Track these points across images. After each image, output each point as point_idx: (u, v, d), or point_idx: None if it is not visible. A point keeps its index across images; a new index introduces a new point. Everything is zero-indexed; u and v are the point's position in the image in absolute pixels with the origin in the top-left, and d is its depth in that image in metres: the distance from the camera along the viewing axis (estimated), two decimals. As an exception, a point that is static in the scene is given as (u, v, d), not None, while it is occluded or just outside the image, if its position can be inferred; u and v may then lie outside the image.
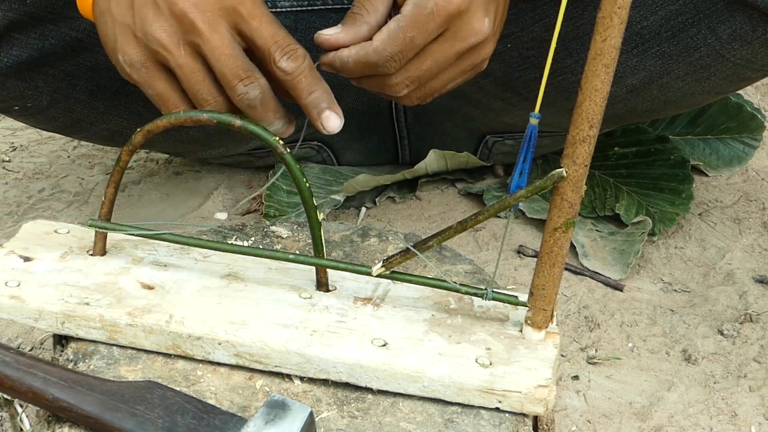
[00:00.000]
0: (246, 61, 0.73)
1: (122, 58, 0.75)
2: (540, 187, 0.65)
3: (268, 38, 0.73)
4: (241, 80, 0.73)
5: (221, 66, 0.73)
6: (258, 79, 0.73)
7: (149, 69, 0.75)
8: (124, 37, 0.74)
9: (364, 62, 0.76)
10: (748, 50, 0.97)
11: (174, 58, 0.73)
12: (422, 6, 0.75)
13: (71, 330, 0.73)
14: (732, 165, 1.36)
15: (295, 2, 1.10)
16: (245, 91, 0.73)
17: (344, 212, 1.25)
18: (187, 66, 0.73)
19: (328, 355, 0.70)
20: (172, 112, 0.74)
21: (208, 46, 0.72)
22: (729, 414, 0.98)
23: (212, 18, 0.72)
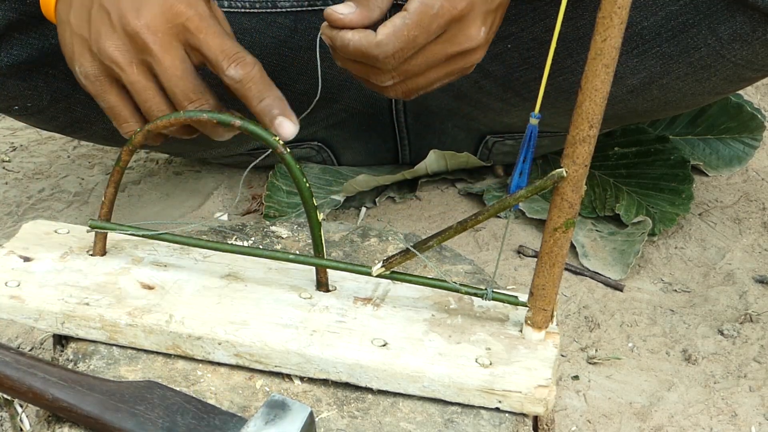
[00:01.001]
0: (196, 83, 0.75)
1: (78, 69, 0.77)
2: (540, 187, 0.65)
3: (215, 48, 0.74)
4: (191, 102, 0.75)
5: (172, 86, 0.74)
6: (208, 101, 0.75)
7: (102, 83, 0.76)
8: (80, 48, 0.76)
9: (364, 52, 0.76)
10: (748, 50, 0.97)
11: (126, 76, 0.75)
12: (429, 5, 0.75)
13: (71, 330, 0.73)
14: (732, 165, 1.36)
15: (295, 2, 1.10)
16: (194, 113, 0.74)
17: (344, 212, 1.25)
18: (139, 83, 0.75)
19: (328, 355, 0.70)
20: (122, 126, 0.78)
21: (159, 67, 0.74)
22: (729, 414, 0.98)
23: (164, 38, 0.73)
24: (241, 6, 1.08)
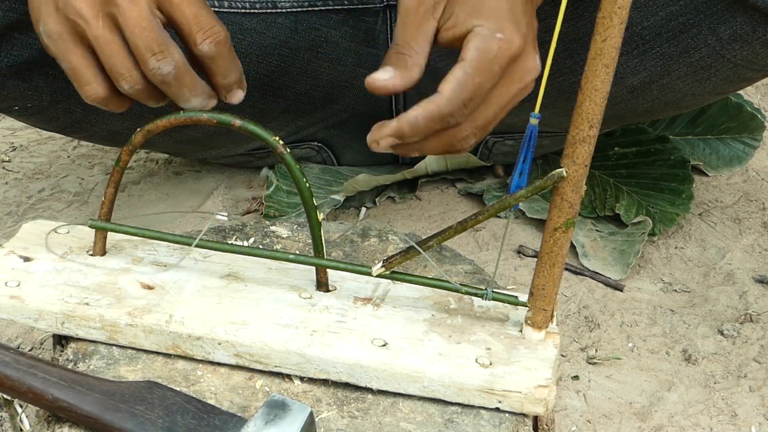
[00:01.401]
0: (161, 35, 0.72)
1: (42, 29, 0.74)
2: (540, 187, 0.65)
3: (190, 17, 0.72)
4: (154, 54, 0.71)
5: (135, 38, 0.71)
6: (172, 54, 0.72)
7: (66, 41, 0.73)
8: (47, 8, 0.73)
9: (438, 116, 0.71)
10: (748, 51, 0.97)
11: (91, 29, 0.72)
12: (486, 50, 0.72)
13: (71, 330, 0.73)
14: (732, 165, 1.36)
15: (296, 2, 1.10)
16: (157, 66, 0.71)
17: (344, 212, 1.25)
18: (103, 37, 0.72)
19: (328, 355, 0.70)
20: (84, 88, 0.74)
21: (123, 17, 0.71)
22: (729, 414, 0.98)
23: None
24: (241, 6, 1.08)
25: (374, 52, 1.15)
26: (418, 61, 0.74)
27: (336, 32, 1.14)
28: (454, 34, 0.74)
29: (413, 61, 0.73)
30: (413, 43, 0.74)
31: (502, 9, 0.74)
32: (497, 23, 0.73)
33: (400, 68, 0.73)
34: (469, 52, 0.73)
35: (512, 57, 0.73)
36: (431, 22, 0.75)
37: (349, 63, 1.16)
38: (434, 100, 0.72)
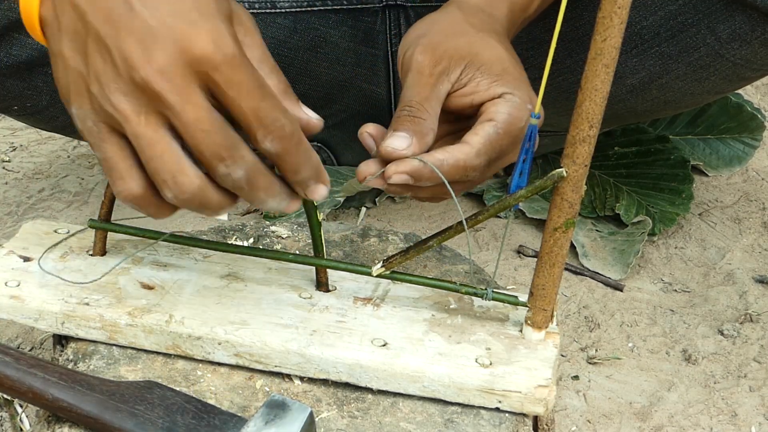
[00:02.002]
0: (228, 136, 0.59)
1: (74, 110, 0.63)
2: (540, 187, 0.65)
3: (249, 114, 0.59)
4: (223, 161, 0.59)
5: (198, 144, 0.59)
6: (243, 157, 0.60)
7: (100, 129, 0.61)
8: (77, 87, 0.63)
9: (462, 167, 0.69)
10: (747, 50, 0.97)
11: (131, 127, 0.59)
12: (518, 118, 0.72)
13: (71, 330, 0.73)
14: (732, 165, 1.36)
15: (295, 2, 1.10)
16: (227, 172, 0.60)
17: (344, 212, 1.25)
18: (146, 137, 0.59)
19: (328, 355, 0.70)
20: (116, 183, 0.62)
21: (179, 120, 0.59)
22: (729, 414, 0.98)
23: (183, 87, 0.58)
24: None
25: (373, 52, 1.15)
26: (432, 125, 0.71)
27: (335, 32, 1.14)
28: (473, 100, 0.73)
29: (428, 125, 0.70)
30: (427, 105, 0.71)
31: (524, 80, 0.74)
32: (525, 93, 0.73)
33: (416, 134, 0.69)
34: (500, 114, 0.71)
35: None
36: (446, 84, 0.73)
37: (349, 63, 1.16)
38: (463, 150, 0.69)
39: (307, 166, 0.62)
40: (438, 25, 0.77)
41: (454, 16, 0.78)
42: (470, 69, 0.73)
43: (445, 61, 0.73)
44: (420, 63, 0.72)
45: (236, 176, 0.60)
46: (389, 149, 0.69)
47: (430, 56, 0.73)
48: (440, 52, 0.73)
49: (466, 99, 0.73)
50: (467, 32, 0.75)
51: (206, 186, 0.60)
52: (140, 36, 0.57)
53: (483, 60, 0.74)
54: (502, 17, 0.81)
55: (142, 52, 0.57)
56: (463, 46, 0.74)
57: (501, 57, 0.75)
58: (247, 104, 0.59)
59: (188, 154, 0.60)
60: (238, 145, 0.60)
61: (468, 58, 0.73)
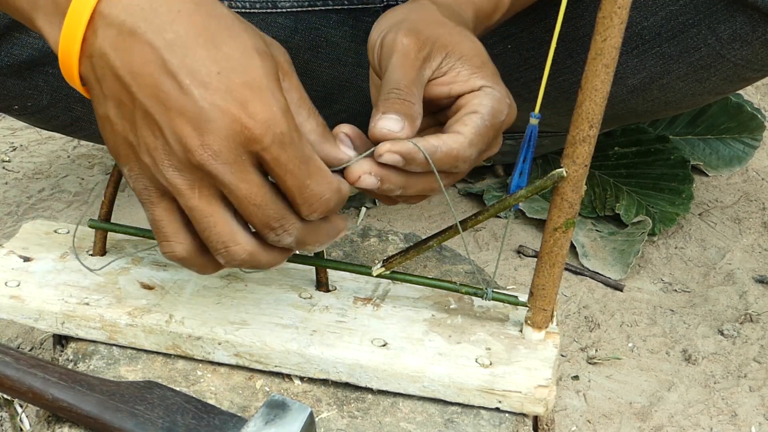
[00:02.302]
0: (278, 209, 0.62)
1: (125, 171, 0.63)
2: (540, 187, 0.65)
3: (295, 191, 0.61)
4: (273, 230, 0.62)
5: (249, 216, 0.61)
6: (293, 224, 0.63)
7: (152, 195, 0.62)
8: (126, 152, 0.62)
9: (454, 155, 0.68)
10: (748, 50, 0.97)
11: (185, 200, 0.60)
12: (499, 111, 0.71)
13: (71, 330, 0.73)
14: (732, 165, 1.36)
15: (296, 2, 1.10)
16: (278, 239, 0.63)
17: (344, 212, 1.25)
18: (200, 210, 0.61)
19: (328, 355, 0.70)
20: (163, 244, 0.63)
21: (233, 195, 0.60)
22: (729, 414, 0.98)
23: (237, 166, 0.59)
24: (241, 6, 1.08)
25: (374, 52, 1.15)
26: (420, 109, 0.70)
27: (336, 32, 1.14)
28: (451, 90, 0.72)
29: (416, 109, 0.69)
30: (414, 88, 0.70)
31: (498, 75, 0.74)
32: (503, 89, 0.72)
33: (407, 118, 0.68)
34: (484, 107, 0.70)
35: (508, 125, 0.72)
36: (427, 70, 0.72)
37: (349, 63, 1.16)
38: (457, 139, 0.69)
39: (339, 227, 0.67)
40: (416, 14, 0.76)
41: (430, 8, 0.78)
42: (451, 58, 0.73)
43: (428, 47, 0.72)
44: (406, 46, 0.72)
45: (285, 242, 0.63)
46: (384, 131, 0.67)
47: (415, 39, 0.72)
48: (423, 37, 0.72)
49: (444, 88, 0.73)
50: (446, 23, 0.75)
51: (257, 251, 0.63)
52: (192, 117, 0.57)
53: (463, 51, 0.73)
54: (468, 20, 0.81)
55: (196, 135, 0.58)
56: (445, 35, 0.73)
57: (480, 51, 0.74)
58: (291, 182, 0.60)
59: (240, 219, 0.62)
60: (288, 216, 0.62)
61: (449, 47, 0.73)
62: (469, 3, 0.82)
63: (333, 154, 0.65)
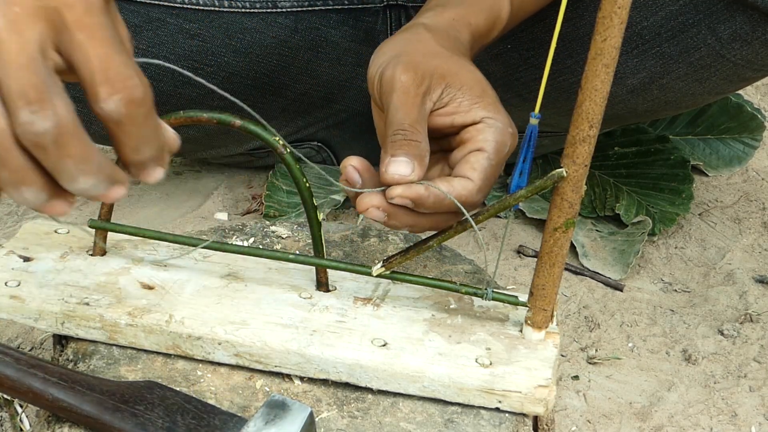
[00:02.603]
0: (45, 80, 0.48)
1: None
2: (540, 187, 0.65)
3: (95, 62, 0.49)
4: (29, 104, 0.48)
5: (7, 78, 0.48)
6: (55, 106, 0.49)
7: None
8: None
9: (464, 201, 0.69)
10: (748, 50, 0.97)
11: None
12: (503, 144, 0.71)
13: (71, 330, 0.73)
14: (732, 165, 1.36)
15: (296, 2, 1.10)
16: (30, 120, 0.48)
17: (344, 212, 1.25)
18: None
19: (328, 355, 0.70)
20: None
21: None
22: (729, 414, 0.98)
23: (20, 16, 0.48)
24: (241, 6, 1.08)
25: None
26: (426, 147, 0.69)
27: (336, 32, 1.14)
28: (454, 121, 0.72)
29: (423, 147, 0.69)
30: (419, 126, 0.70)
31: (499, 103, 0.74)
32: (505, 117, 0.73)
33: (416, 158, 0.68)
34: (489, 143, 0.71)
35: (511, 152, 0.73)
36: (428, 103, 0.73)
37: (349, 63, 1.16)
38: (466, 186, 0.69)
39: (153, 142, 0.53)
40: (413, 45, 0.76)
41: (425, 37, 0.78)
42: (451, 89, 0.73)
43: (427, 80, 0.72)
44: (405, 83, 0.71)
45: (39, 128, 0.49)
46: (396, 176, 0.67)
47: (413, 75, 0.72)
48: (421, 71, 0.72)
49: (446, 119, 0.73)
50: (442, 53, 0.75)
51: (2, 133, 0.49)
52: None
53: (462, 81, 0.73)
54: (465, 40, 0.82)
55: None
56: (442, 66, 0.73)
57: (479, 79, 0.75)
58: (95, 51, 0.49)
59: None
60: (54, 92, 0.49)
61: (448, 78, 0.73)
62: (465, 25, 0.83)
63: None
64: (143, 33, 1.03)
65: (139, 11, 1.02)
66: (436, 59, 0.74)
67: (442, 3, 0.84)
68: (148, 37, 1.03)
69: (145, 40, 1.03)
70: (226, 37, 1.07)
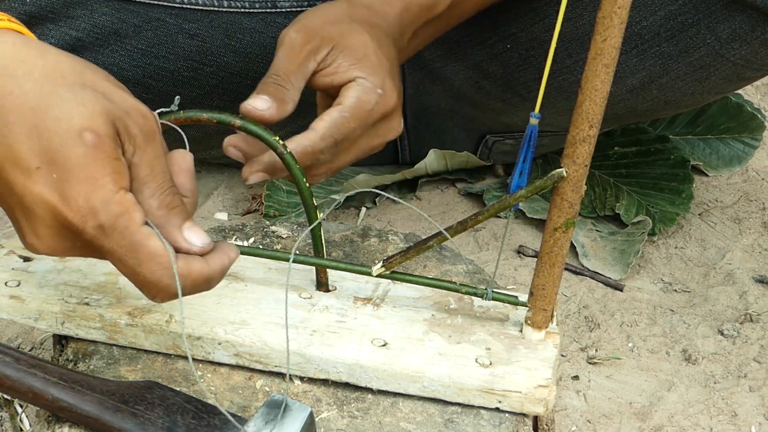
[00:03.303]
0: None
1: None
2: (540, 187, 0.65)
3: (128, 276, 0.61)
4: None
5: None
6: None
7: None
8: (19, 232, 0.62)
9: (310, 152, 0.75)
10: (747, 50, 0.97)
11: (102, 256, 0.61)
12: (366, 101, 0.77)
13: (71, 330, 0.73)
14: (732, 165, 1.36)
15: (295, 2, 1.10)
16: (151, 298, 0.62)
17: (344, 212, 1.25)
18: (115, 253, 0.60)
19: (328, 355, 0.70)
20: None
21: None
22: (729, 414, 0.98)
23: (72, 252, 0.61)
24: (240, 6, 1.08)
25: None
26: (293, 96, 0.76)
27: (335, 32, 1.14)
28: (333, 81, 0.78)
29: (290, 95, 0.75)
30: (293, 77, 0.76)
31: (384, 67, 0.79)
32: (379, 79, 0.78)
33: (277, 100, 0.74)
34: (348, 98, 0.76)
35: (385, 113, 0.78)
36: (312, 63, 0.78)
37: (349, 63, 1.16)
38: (308, 136, 0.75)
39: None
40: (319, 12, 0.82)
41: (338, 8, 0.83)
42: (335, 51, 0.78)
43: (315, 41, 0.78)
44: (292, 39, 0.78)
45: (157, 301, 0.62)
46: (249, 107, 0.73)
47: (303, 35, 0.78)
48: (312, 33, 0.78)
49: (327, 79, 0.79)
50: (343, 21, 0.81)
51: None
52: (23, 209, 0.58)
53: (348, 44, 0.79)
54: (393, 14, 0.86)
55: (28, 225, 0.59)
56: (334, 30, 0.79)
57: (365, 43, 0.79)
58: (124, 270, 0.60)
59: None
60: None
61: (336, 41, 0.79)
62: None
63: (173, 239, 0.60)
64: (143, 33, 1.03)
65: (139, 11, 1.02)
66: (333, 25, 0.80)
67: None
68: (148, 37, 1.03)
69: (144, 40, 1.03)
70: (226, 37, 1.07)
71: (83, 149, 0.56)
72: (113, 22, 1.01)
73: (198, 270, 0.60)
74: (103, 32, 1.01)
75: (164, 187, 0.60)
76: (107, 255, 0.59)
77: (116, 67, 1.03)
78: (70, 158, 0.56)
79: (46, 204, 0.57)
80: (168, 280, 0.59)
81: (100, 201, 0.57)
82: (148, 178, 0.60)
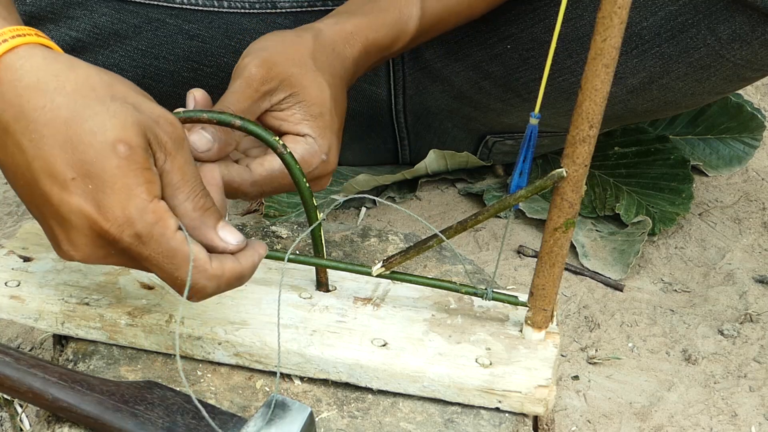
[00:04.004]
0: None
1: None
2: (540, 187, 0.65)
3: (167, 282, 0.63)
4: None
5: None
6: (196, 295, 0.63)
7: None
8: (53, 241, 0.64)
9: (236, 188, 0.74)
10: (747, 50, 0.97)
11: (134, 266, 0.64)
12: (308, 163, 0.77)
13: (71, 330, 0.73)
14: (732, 165, 1.36)
15: (295, 3, 1.10)
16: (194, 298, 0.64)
17: (344, 212, 1.25)
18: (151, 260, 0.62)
19: (328, 355, 0.70)
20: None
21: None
22: (729, 414, 0.98)
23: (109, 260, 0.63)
24: (241, 6, 1.08)
25: (373, 52, 1.15)
26: (237, 137, 0.75)
27: (335, 32, 1.14)
28: (281, 127, 0.78)
29: (233, 136, 0.73)
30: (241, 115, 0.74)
31: (333, 129, 0.79)
32: (326, 143, 0.78)
33: (219, 142, 0.72)
34: (294, 152, 0.75)
35: (320, 176, 0.79)
36: (266, 103, 0.77)
37: (349, 63, 1.16)
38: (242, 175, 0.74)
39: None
40: (284, 46, 0.80)
41: (303, 45, 0.81)
42: (292, 99, 0.78)
43: (274, 82, 0.77)
44: (251, 75, 0.76)
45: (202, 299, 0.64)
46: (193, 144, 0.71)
47: (263, 72, 0.77)
48: (273, 72, 0.77)
49: (276, 122, 0.78)
50: (307, 65, 0.79)
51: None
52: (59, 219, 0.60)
53: (306, 96, 0.78)
54: (351, 56, 0.86)
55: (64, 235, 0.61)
56: (297, 76, 0.78)
57: (323, 100, 0.79)
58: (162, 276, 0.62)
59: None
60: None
61: (295, 89, 0.78)
62: (361, 39, 0.86)
63: (209, 240, 0.63)
64: (143, 33, 1.03)
65: (138, 11, 1.02)
66: (296, 68, 0.79)
67: (351, 10, 0.88)
68: (148, 38, 1.03)
69: (144, 40, 1.03)
70: (226, 38, 1.07)
71: (117, 161, 0.58)
72: (113, 22, 1.01)
73: (231, 269, 0.63)
74: (103, 33, 1.01)
75: (197, 190, 0.63)
76: (144, 262, 0.61)
77: (116, 67, 1.03)
78: (105, 170, 0.58)
79: (82, 214, 0.59)
80: (205, 281, 0.62)
81: (135, 210, 0.59)
82: (180, 183, 0.62)
